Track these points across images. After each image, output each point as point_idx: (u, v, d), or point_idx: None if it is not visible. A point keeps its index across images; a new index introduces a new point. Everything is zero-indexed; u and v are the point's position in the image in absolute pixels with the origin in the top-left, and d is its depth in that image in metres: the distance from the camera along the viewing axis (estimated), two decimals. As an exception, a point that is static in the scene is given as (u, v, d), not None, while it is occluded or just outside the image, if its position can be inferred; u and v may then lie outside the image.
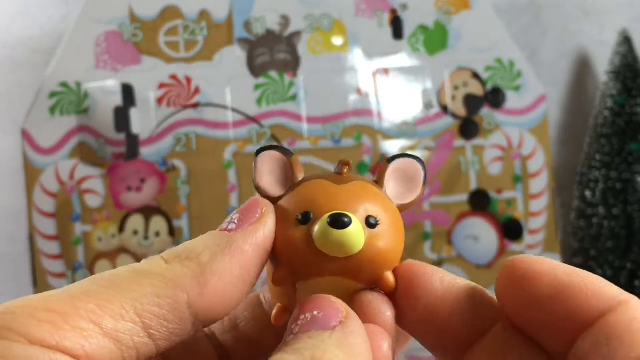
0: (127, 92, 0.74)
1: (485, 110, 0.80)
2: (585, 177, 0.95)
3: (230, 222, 0.16)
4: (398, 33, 0.79)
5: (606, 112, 0.93)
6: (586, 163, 0.95)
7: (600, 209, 0.92)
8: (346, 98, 0.77)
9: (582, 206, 0.94)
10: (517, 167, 0.80)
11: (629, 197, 0.92)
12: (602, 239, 0.92)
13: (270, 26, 0.77)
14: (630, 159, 0.92)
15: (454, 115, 0.79)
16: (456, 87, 0.80)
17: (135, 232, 0.73)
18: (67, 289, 0.14)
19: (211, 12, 0.77)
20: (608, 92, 0.94)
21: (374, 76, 0.78)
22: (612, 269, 0.91)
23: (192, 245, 0.16)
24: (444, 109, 0.79)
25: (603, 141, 0.93)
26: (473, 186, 0.79)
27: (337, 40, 0.78)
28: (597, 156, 0.93)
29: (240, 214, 0.16)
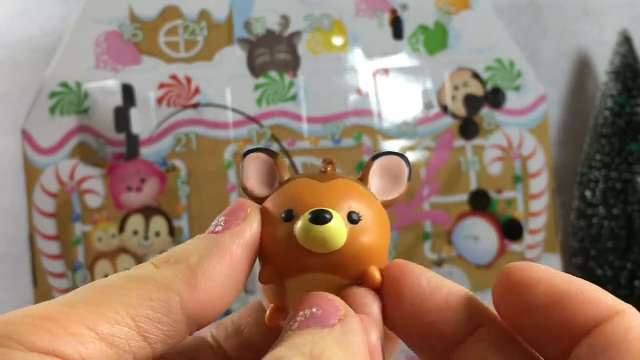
0: (127, 92, 0.74)
1: (485, 110, 0.80)
2: (585, 177, 0.95)
3: (216, 224, 0.17)
4: (398, 33, 0.79)
5: (606, 112, 0.93)
6: (586, 163, 0.95)
7: (600, 209, 0.92)
8: (346, 98, 0.77)
9: (582, 206, 0.94)
10: (517, 167, 0.80)
11: (629, 197, 0.92)
12: (602, 239, 0.92)
13: (270, 26, 0.77)
14: (630, 159, 0.92)
15: (454, 115, 0.79)
16: (456, 87, 0.80)
17: (135, 232, 0.73)
18: (62, 298, 0.14)
19: (211, 12, 0.77)
20: (608, 92, 0.94)
21: (374, 76, 0.78)
22: (612, 269, 0.91)
23: (180, 249, 0.16)
24: (444, 109, 0.79)
25: (603, 141, 0.93)
26: (473, 186, 0.79)
27: (337, 40, 0.78)
28: (597, 156, 0.93)
29: (226, 216, 0.17)
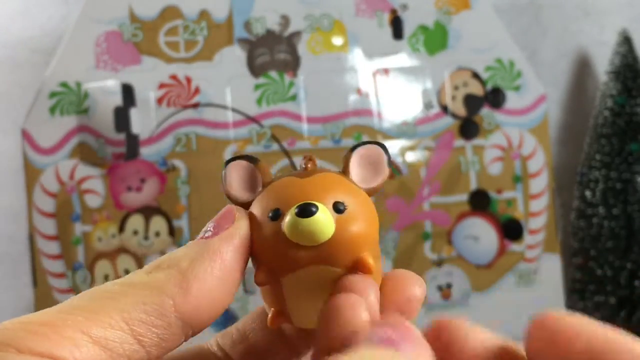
0: (127, 92, 0.74)
1: (485, 110, 0.80)
2: (585, 177, 0.95)
3: (206, 230, 0.17)
4: (398, 33, 0.79)
5: (606, 112, 0.93)
6: (586, 163, 0.95)
7: (600, 209, 0.92)
8: (346, 98, 0.77)
9: (582, 206, 0.94)
10: (517, 167, 0.80)
11: (629, 197, 0.92)
12: (602, 239, 0.92)
13: (270, 26, 0.77)
14: (630, 159, 0.92)
15: (454, 115, 0.79)
16: (456, 87, 0.80)
17: (135, 232, 0.73)
18: (59, 306, 0.15)
19: (211, 12, 0.77)
20: (608, 92, 0.94)
21: (374, 76, 0.78)
22: (612, 269, 0.91)
23: (171, 256, 0.16)
24: (444, 109, 0.79)
25: (603, 141, 0.93)
26: (473, 186, 0.79)
27: (337, 40, 0.78)
28: (597, 156, 0.93)
29: (215, 222, 0.17)
